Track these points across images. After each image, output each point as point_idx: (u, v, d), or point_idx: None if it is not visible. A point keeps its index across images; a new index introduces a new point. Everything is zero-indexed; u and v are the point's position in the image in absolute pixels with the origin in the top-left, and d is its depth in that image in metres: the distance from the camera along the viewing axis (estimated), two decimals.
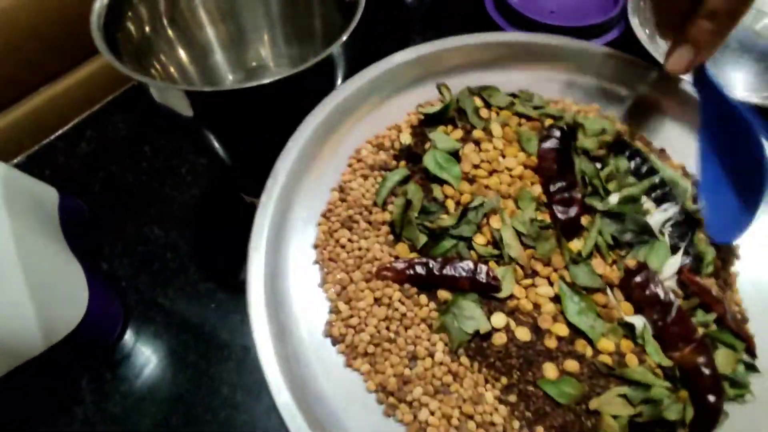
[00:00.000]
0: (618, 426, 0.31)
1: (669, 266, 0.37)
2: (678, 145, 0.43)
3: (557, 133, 0.41)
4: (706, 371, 0.32)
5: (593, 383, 0.33)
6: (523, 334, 0.34)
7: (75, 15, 0.56)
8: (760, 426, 0.33)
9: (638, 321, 0.34)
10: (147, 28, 0.48)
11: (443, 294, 0.35)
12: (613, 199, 0.39)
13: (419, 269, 0.35)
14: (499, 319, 0.34)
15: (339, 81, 0.44)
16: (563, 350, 0.34)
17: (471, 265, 0.35)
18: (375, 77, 0.43)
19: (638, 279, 0.35)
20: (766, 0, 0.61)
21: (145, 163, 0.59)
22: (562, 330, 0.34)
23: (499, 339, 0.34)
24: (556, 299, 0.35)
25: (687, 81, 0.43)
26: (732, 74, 0.59)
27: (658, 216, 0.38)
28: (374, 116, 0.44)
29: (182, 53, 0.52)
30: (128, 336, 0.47)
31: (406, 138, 0.42)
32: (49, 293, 0.39)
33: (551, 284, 0.36)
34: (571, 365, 0.33)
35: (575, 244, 0.37)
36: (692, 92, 0.41)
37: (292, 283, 0.37)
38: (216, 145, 0.45)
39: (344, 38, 0.39)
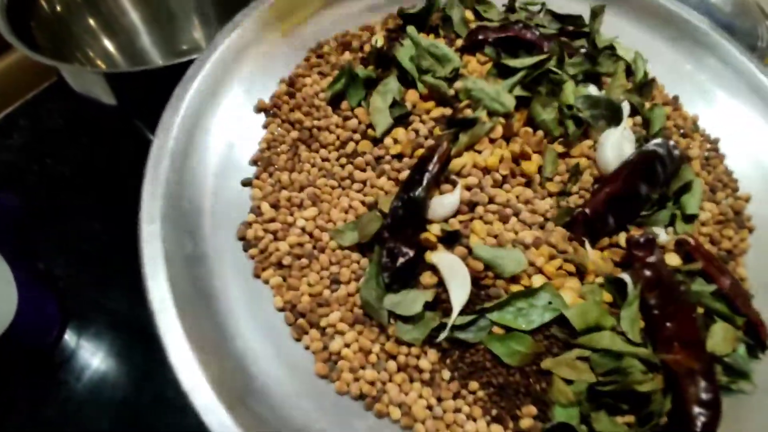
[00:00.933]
0: (572, 393, 0.25)
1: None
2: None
3: None
4: (702, 383, 0.25)
5: (550, 344, 0.26)
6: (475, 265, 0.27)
7: None
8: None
9: (628, 279, 0.28)
10: (62, 13, 0.44)
11: None
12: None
13: None
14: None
15: None
16: None
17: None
18: None
19: (640, 253, 0.28)
20: None
21: (82, 154, 0.52)
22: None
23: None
24: None
25: None
26: None
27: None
28: (345, 12, 0.37)
29: (106, 40, 0.49)
30: (68, 338, 0.42)
31: (380, 40, 0.36)
32: None
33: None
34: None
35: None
36: None
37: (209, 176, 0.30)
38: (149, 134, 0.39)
39: None
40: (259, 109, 0.33)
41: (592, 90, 0.35)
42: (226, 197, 0.30)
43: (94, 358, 0.41)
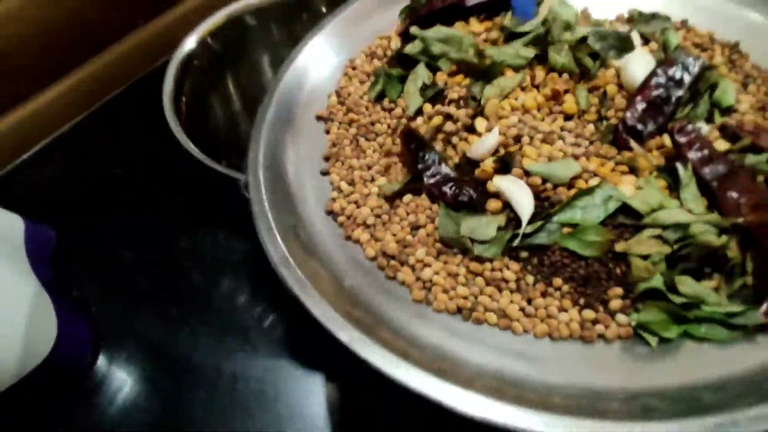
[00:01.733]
0: (651, 266, 0.26)
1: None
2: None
3: None
4: None
5: (620, 232, 0.29)
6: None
7: (37, 39, 0.55)
8: None
9: (679, 165, 0.30)
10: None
11: None
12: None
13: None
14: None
15: None
16: None
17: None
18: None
19: (683, 138, 0.30)
20: None
21: (114, 184, 0.57)
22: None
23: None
24: None
25: None
26: None
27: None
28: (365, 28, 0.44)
29: None
30: (101, 363, 0.45)
31: (395, 43, 0.42)
32: (17, 326, 0.39)
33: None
34: None
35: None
36: None
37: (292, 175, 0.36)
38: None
39: None
40: (318, 117, 0.39)
41: None
42: (308, 185, 0.36)
43: (125, 382, 0.43)
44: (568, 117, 0.35)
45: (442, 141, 0.35)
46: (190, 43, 0.47)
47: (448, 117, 0.35)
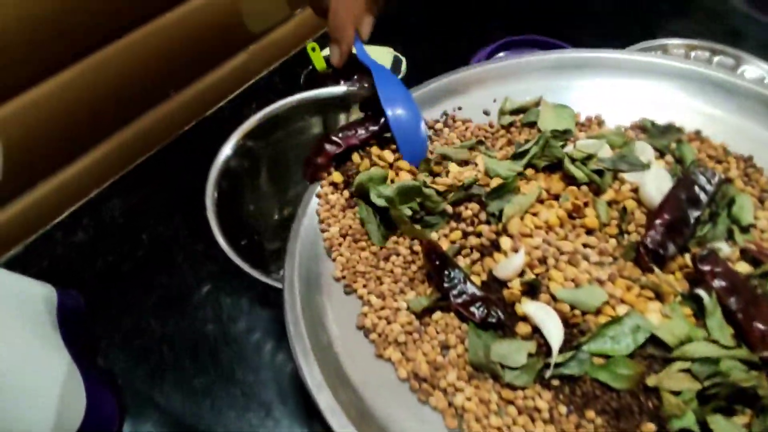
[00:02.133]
0: (683, 404, 0.27)
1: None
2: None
3: None
4: None
5: (650, 363, 0.29)
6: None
7: (73, 109, 0.58)
8: None
9: (703, 293, 0.31)
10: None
11: None
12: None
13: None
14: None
15: None
16: None
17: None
18: None
19: (707, 266, 0.31)
20: None
21: (142, 252, 0.58)
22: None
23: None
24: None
25: None
26: None
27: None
28: None
29: None
30: None
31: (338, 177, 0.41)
32: (50, 400, 0.39)
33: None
34: None
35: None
36: None
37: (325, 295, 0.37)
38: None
39: None
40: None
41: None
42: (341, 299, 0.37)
43: None
44: (589, 231, 0.36)
45: (464, 256, 0.36)
46: (228, 147, 0.50)
47: (467, 234, 0.36)
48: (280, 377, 0.49)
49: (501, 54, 0.71)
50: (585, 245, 0.35)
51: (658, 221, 0.34)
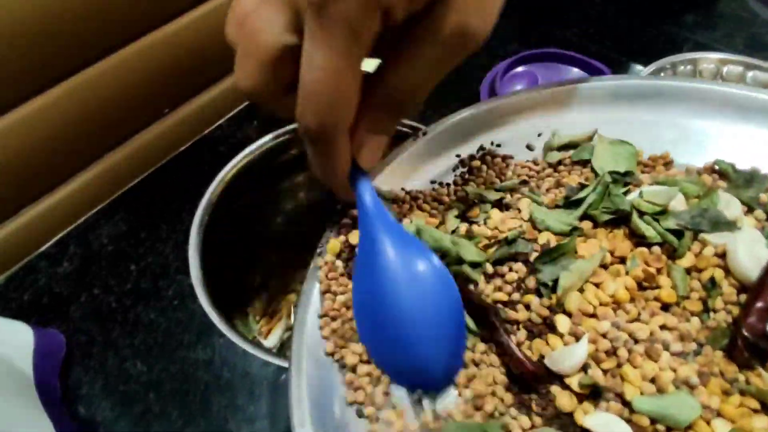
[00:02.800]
0: None
1: None
2: None
3: None
4: None
5: None
6: None
7: (67, 129, 0.53)
8: None
9: None
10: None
11: None
12: None
13: None
14: None
15: None
16: None
17: None
18: None
19: None
20: None
21: (130, 285, 0.54)
22: None
23: None
24: None
25: None
26: None
27: None
28: None
29: None
30: None
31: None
32: None
33: None
34: None
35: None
36: None
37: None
38: None
39: None
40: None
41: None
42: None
43: None
44: (664, 306, 0.29)
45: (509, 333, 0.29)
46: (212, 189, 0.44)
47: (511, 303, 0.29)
48: (278, 429, 0.45)
49: (519, 68, 0.66)
50: (662, 327, 0.28)
51: (759, 304, 0.27)
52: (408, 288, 0.24)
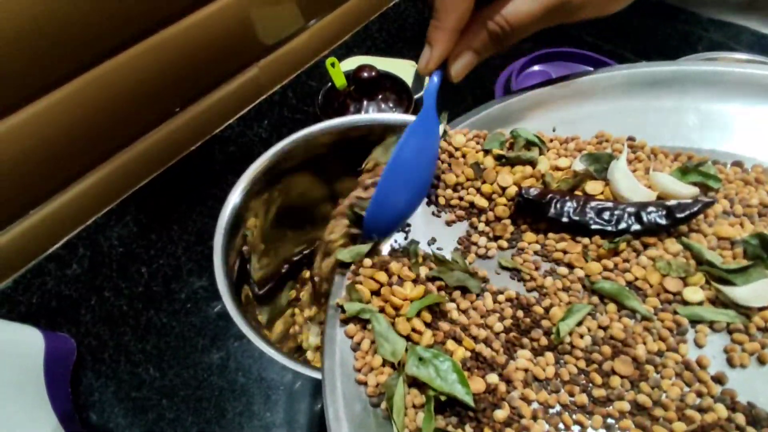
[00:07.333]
0: None
1: None
2: None
3: None
4: None
5: None
6: None
7: (74, 130, 0.52)
8: None
9: None
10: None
11: None
12: None
13: None
14: None
15: None
16: None
17: None
18: None
19: None
20: None
21: (141, 288, 0.53)
22: None
23: None
24: None
25: None
26: None
27: None
28: None
29: None
30: None
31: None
32: None
33: None
34: None
35: None
36: None
37: None
38: None
39: None
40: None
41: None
42: None
43: None
44: None
45: None
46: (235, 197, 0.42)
47: None
48: (293, 429, 0.44)
49: (534, 67, 0.66)
50: None
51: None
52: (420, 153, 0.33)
